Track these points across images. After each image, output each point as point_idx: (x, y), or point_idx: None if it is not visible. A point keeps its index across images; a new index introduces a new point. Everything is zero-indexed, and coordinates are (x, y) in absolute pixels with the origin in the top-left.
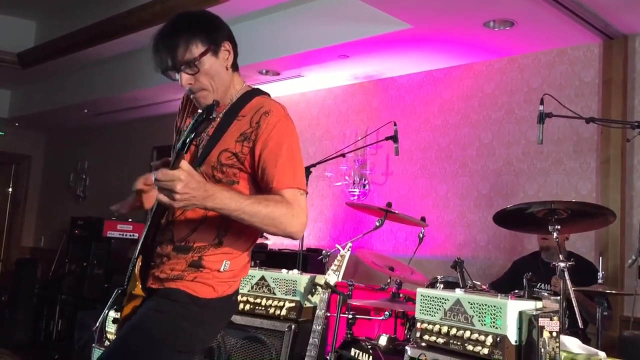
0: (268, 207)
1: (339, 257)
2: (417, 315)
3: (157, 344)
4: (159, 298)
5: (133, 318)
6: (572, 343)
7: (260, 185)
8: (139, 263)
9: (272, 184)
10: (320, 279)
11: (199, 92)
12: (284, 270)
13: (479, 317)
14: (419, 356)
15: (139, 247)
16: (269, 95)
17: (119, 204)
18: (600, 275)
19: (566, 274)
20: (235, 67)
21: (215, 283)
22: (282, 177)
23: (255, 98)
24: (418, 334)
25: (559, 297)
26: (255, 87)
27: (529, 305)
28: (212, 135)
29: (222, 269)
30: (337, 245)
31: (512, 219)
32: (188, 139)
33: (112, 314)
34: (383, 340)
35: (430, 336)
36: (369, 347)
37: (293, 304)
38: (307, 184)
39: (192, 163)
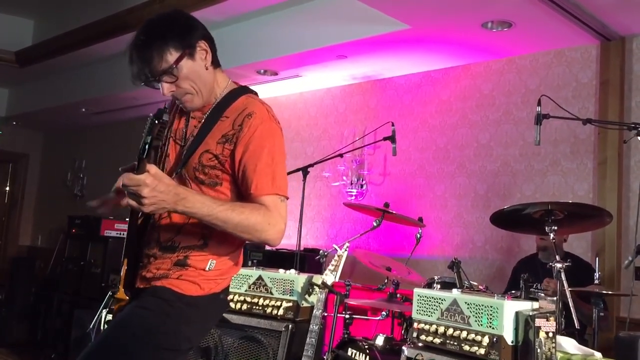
0: (242, 214)
1: (336, 257)
2: (414, 315)
3: (141, 340)
4: (145, 296)
5: (117, 315)
6: (569, 344)
7: (241, 190)
8: (124, 266)
9: (250, 190)
10: (317, 278)
11: (183, 97)
12: (282, 270)
13: (476, 317)
14: (416, 356)
15: (124, 251)
16: (255, 93)
17: (97, 200)
18: (597, 276)
19: (562, 275)
20: (216, 64)
21: (200, 281)
22: (261, 183)
23: (240, 98)
24: (415, 334)
25: (555, 298)
26: (242, 85)
27: (525, 306)
28: (196, 136)
29: (207, 269)
30: (334, 245)
31: (509, 219)
32: (147, 144)
33: (108, 316)
34: (380, 340)
35: (427, 336)
36: (366, 347)
37: (290, 304)
38: (304, 184)
39: (177, 164)
